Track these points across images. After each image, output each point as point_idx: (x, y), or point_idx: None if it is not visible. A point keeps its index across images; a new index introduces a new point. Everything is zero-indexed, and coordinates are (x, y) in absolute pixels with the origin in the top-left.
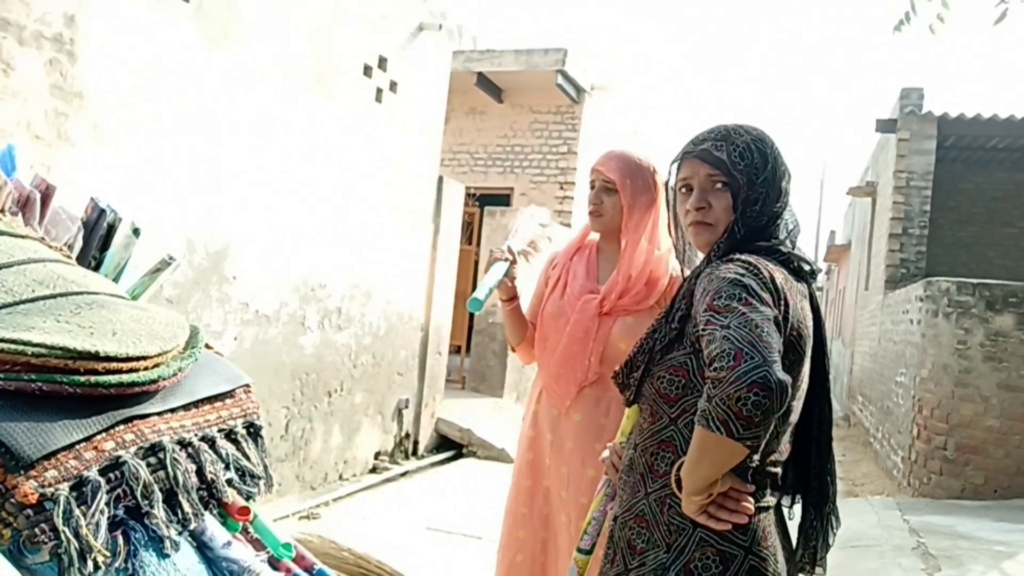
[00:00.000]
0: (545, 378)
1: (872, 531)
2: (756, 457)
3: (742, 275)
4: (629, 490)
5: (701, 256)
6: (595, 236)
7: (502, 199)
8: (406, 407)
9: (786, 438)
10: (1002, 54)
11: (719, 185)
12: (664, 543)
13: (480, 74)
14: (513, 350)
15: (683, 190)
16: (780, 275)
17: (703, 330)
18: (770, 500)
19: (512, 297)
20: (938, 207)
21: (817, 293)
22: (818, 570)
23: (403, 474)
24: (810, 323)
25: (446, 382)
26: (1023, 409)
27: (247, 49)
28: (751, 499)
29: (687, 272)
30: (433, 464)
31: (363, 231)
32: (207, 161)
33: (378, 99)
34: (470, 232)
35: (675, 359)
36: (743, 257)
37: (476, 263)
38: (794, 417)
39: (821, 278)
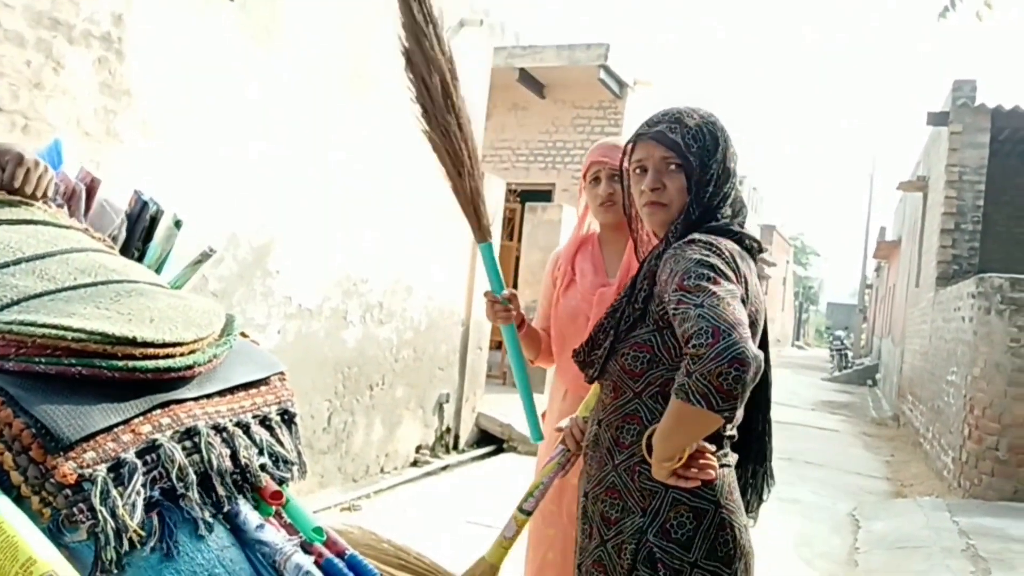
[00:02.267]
0: (571, 378)
1: (920, 532)
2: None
3: (707, 255)
4: (596, 465)
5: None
6: (595, 230)
7: (544, 195)
8: (447, 401)
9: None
10: None
11: (673, 167)
12: (639, 508)
13: (522, 70)
14: (532, 363)
15: (637, 171)
16: (737, 254)
17: (675, 309)
18: (731, 459)
19: (519, 324)
20: (992, 202)
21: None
22: (750, 520)
23: (444, 468)
24: (757, 295)
25: (487, 377)
26: None
27: (290, 46)
28: (714, 459)
29: (642, 253)
30: (473, 458)
31: (404, 226)
32: (251, 156)
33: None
34: (511, 228)
35: (639, 336)
36: (704, 238)
37: (517, 259)
38: None
39: (871, 275)
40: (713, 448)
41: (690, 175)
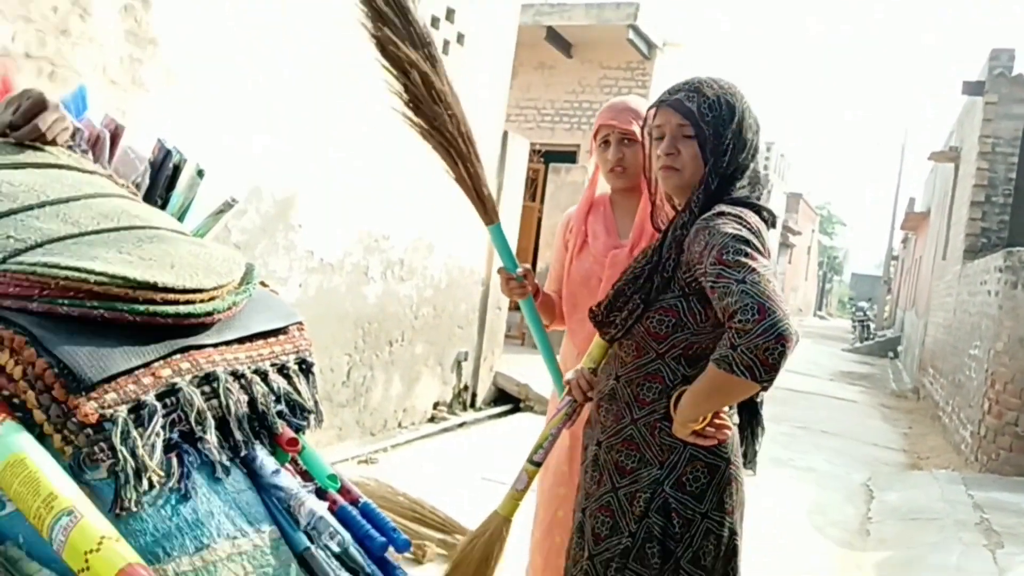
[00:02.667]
0: (583, 341)
1: (935, 505)
2: None
3: (739, 230)
4: (613, 417)
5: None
6: (606, 191)
7: (568, 156)
8: (465, 360)
9: None
10: None
11: (687, 134)
12: (657, 461)
13: (549, 28)
14: (547, 327)
15: (656, 137)
16: (761, 228)
17: (715, 282)
18: (735, 419)
19: (534, 294)
20: None
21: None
22: (748, 471)
23: (460, 425)
24: (773, 267)
25: (505, 337)
26: None
27: None
28: (729, 420)
29: (658, 219)
30: (490, 417)
31: (426, 184)
32: (276, 108)
33: (445, 51)
34: (534, 189)
35: (665, 301)
36: (732, 210)
37: (539, 220)
38: None
39: (897, 247)
40: (731, 410)
41: (703, 143)
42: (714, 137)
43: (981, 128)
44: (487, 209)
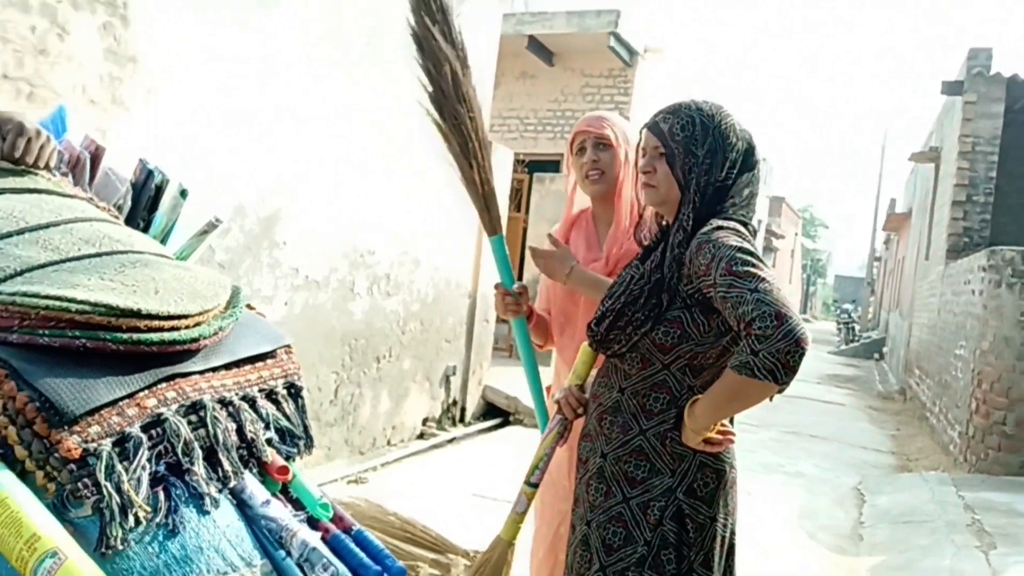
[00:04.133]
0: (572, 356)
1: (926, 507)
2: None
3: (742, 242)
4: (619, 429)
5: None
6: (588, 205)
7: (552, 165)
8: (454, 374)
9: None
10: None
11: (660, 154)
12: (668, 470)
13: (531, 37)
14: (540, 348)
15: (642, 154)
16: (753, 242)
17: (727, 292)
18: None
19: (528, 316)
20: (1005, 174)
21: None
22: None
23: (450, 440)
24: None
25: (493, 350)
26: None
27: (297, 13)
28: (732, 427)
29: (641, 234)
30: (480, 431)
31: (411, 197)
32: (257, 126)
33: (424, 78)
34: (519, 199)
35: (670, 314)
36: (729, 225)
37: (525, 230)
38: None
39: (880, 248)
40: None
41: (672, 163)
42: (684, 155)
43: (961, 128)
44: (492, 219)
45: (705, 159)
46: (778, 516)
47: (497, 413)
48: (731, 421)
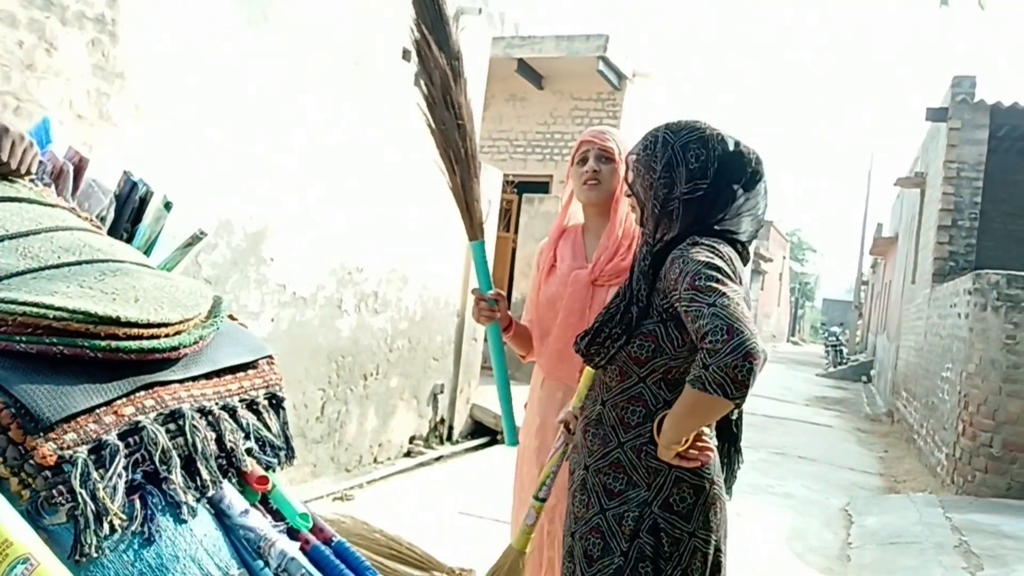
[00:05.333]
0: (547, 362)
1: (913, 528)
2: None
3: (711, 258)
4: (600, 441)
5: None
6: (579, 220)
7: (541, 187)
8: (441, 392)
9: None
10: None
11: (631, 173)
12: (644, 483)
13: (520, 60)
14: (523, 359)
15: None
16: (734, 258)
17: (688, 307)
18: (714, 442)
19: (507, 326)
20: (990, 199)
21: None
22: (727, 496)
23: (437, 459)
24: (747, 300)
25: (481, 368)
26: None
27: (286, 31)
28: (710, 443)
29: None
30: (467, 450)
31: (400, 215)
32: (246, 142)
33: (416, 83)
34: (508, 219)
35: (645, 327)
36: (706, 242)
37: (514, 251)
38: None
39: (867, 271)
40: (711, 433)
41: (632, 184)
42: (644, 172)
43: (946, 154)
44: (474, 224)
45: (663, 174)
46: (767, 537)
47: (485, 432)
48: (735, 437)
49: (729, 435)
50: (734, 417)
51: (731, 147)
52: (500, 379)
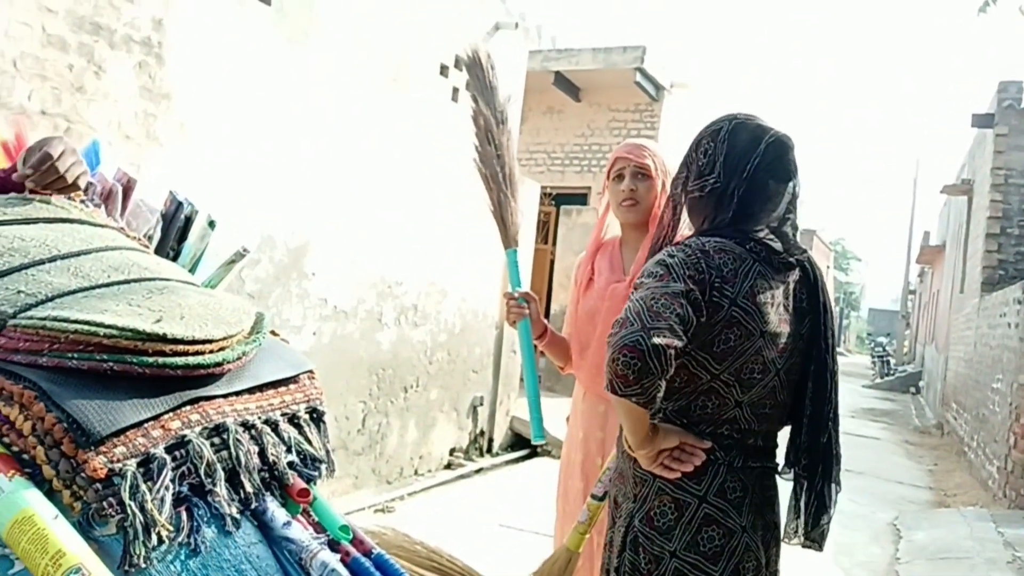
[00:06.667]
0: (586, 376)
1: (963, 543)
2: (706, 415)
3: (671, 254)
4: (617, 451)
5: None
6: (616, 232)
7: (579, 198)
8: (481, 404)
9: (748, 408)
10: None
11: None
12: (632, 494)
13: (558, 73)
14: (562, 370)
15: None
16: (728, 257)
17: None
18: (737, 460)
19: (542, 333)
20: None
21: (820, 276)
22: (815, 546)
23: (477, 471)
24: (768, 302)
25: (520, 381)
26: None
27: (326, 49)
28: (703, 453)
29: None
30: (507, 462)
31: (438, 229)
32: (287, 159)
33: (454, 98)
34: (546, 231)
35: None
36: (693, 242)
37: (552, 262)
38: (758, 390)
39: (914, 281)
40: (707, 444)
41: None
42: (671, 172)
43: (993, 160)
44: (508, 234)
45: (680, 171)
46: (813, 552)
47: (525, 444)
48: (811, 470)
49: (807, 463)
50: (803, 441)
51: (747, 138)
52: (529, 376)
